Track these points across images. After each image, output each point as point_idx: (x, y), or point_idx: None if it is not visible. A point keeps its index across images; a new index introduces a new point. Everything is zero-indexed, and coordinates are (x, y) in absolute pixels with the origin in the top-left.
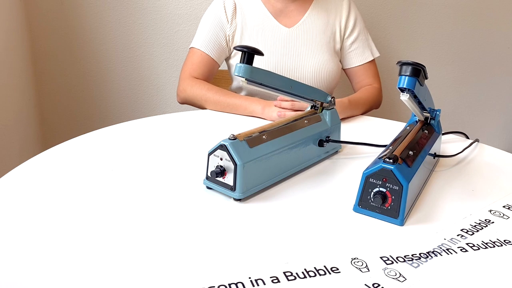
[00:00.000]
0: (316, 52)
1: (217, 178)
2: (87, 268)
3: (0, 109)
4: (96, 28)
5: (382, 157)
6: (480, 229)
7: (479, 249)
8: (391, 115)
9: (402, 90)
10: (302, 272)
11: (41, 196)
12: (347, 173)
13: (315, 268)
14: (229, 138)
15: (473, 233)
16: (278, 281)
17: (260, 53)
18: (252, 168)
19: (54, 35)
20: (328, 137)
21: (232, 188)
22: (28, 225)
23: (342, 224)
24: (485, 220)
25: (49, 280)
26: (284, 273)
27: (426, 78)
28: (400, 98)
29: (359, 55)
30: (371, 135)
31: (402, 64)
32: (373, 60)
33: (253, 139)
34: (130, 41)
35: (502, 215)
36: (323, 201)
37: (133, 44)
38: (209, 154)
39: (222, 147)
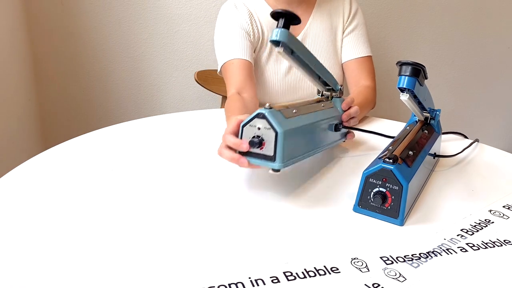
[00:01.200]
0: (323, 58)
1: (253, 150)
2: (87, 268)
3: (0, 109)
4: (96, 28)
5: (382, 157)
6: (480, 229)
7: (479, 249)
8: (391, 115)
9: (402, 90)
10: (302, 272)
11: (41, 196)
12: (347, 173)
13: (315, 268)
14: (265, 108)
15: (473, 233)
16: (278, 281)
17: (298, 21)
18: (291, 138)
19: (54, 35)
20: (341, 123)
21: (272, 158)
22: (28, 225)
23: (342, 224)
24: (485, 220)
25: (49, 280)
26: (284, 273)
27: (426, 78)
28: (400, 98)
29: (353, 48)
30: (371, 135)
31: (402, 64)
32: (369, 57)
33: (286, 112)
34: (130, 41)
35: (502, 215)
36: (323, 201)
37: (133, 44)
38: (243, 125)
39: (260, 115)
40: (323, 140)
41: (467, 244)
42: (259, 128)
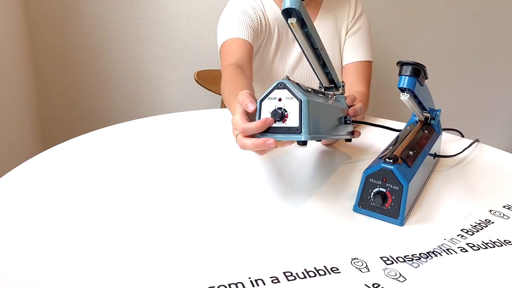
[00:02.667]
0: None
1: (276, 125)
2: (87, 268)
3: (0, 109)
4: (96, 28)
5: (382, 157)
6: (480, 229)
7: (479, 249)
8: (391, 115)
9: (402, 90)
10: (302, 272)
11: (41, 196)
12: (347, 173)
13: (315, 268)
14: (283, 79)
15: (473, 233)
16: (278, 281)
17: None
18: (313, 109)
19: (54, 35)
20: (349, 117)
21: (298, 130)
22: (28, 225)
23: (342, 224)
24: (485, 220)
25: (49, 280)
26: (284, 273)
27: (426, 78)
28: (400, 98)
29: (353, 51)
30: (371, 134)
31: (402, 64)
32: (368, 62)
33: (303, 87)
34: (130, 41)
35: (502, 215)
36: (323, 201)
37: (133, 44)
38: (262, 100)
39: (279, 86)
40: (337, 126)
41: (467, 244)
42: (280, 100)
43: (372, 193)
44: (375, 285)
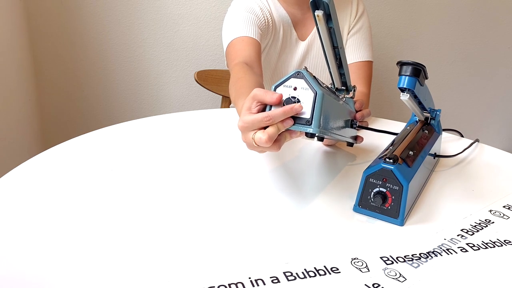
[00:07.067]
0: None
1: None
2: (87, 268)
3: (0, 109)
4: (96, 28)
5: (382, 157)
6: (480, 229)
7: (479, 249)
8: (391, 115)
9: (402, 90)
10: (302, 272)
11: (41, 196)
12: (347, 173)
13: (315, 268)
14: (302, 69)
15: (473, 233)
16: (278, 281)
17: None
18: (326, 104)
19: (54, 35)
20: (356, 121)
21: (308, 122)
22: (28, 225)
23: (342, 224)
24: (485, 220)
25: (49, 280)
26: (284, 273)
27: (426, 78)
28: (400, 98)
29: (354, 52)
30: (376, 136)
31: (402, 64)
32: (369, 62)
33: (319, 81)
34: (130, 41)
35: (502, 215)
36: (323, 201)
37: (133, 44)
38: (276, 86)
39: (297, 75)
40: (343, 127)
41: (467, 244)
42: (295, 89)
43: (372, 193)
44: (375, 285)
